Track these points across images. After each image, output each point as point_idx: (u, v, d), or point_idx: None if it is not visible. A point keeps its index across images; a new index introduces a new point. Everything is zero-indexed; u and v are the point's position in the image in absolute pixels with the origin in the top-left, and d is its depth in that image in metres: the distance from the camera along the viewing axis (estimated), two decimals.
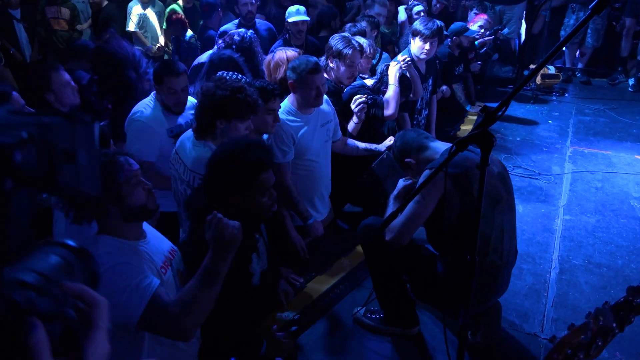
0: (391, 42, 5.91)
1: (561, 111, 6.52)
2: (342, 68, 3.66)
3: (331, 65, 3.71)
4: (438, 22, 4.36)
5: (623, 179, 4.70)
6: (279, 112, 3.12)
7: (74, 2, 6.76)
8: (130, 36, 6.35)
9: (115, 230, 1.79)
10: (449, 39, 5.62)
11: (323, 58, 3.77)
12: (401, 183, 2.60)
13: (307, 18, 5.07)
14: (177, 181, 2.68)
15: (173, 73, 3.06)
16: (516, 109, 6.50)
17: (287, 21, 5.04)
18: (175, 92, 3.09)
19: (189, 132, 2.69)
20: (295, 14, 5.00)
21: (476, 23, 5.96)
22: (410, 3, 6.21)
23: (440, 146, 2.54)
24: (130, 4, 6.51)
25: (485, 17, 6.12)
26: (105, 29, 5.66)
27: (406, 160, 2.59)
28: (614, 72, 7.67)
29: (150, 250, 1.85)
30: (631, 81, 7.33)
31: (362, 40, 4.02)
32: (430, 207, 2.34)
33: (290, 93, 3.32)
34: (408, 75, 4.03)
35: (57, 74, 3.27)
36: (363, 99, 3.59)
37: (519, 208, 4.23)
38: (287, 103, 3.29)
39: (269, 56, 3.75)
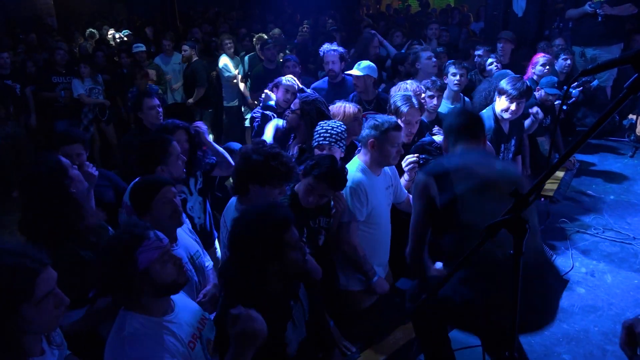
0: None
1: None
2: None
3: None
4: (527, 82, 4.16)
5: None
6: (353, 171, 3.12)
7: (172, 63, 7.43)
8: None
9: (143, 307, 1.80)
10: (535, 92, 5.34)
11: None
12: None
13: (373, 75, 5.04)
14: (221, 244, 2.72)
15: None
16: (612, 163, 5.98)
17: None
18: None
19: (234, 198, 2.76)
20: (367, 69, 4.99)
21: (538, 63, 5.60)
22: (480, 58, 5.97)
23: (470, 156, 2.49)
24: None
25: (544, 54, 5.73)
26: None
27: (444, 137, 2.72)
28: None
29: (177, 325, 1.84)
30: None
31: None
32: (421, 211, 2.42)
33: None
34: None
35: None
36: (414, 158, 3.50)
37: (608, 277, 3.81)
38: (358, 162, 3.25)
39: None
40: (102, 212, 2.62)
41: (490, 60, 5.63)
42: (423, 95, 4.08)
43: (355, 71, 4.66)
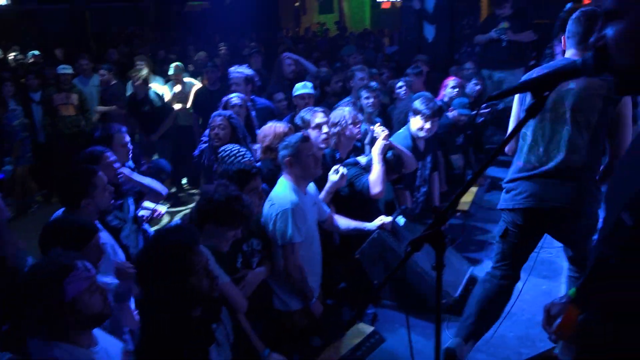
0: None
1: None
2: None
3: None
4: (438, 102, 4.42)
5: None
6: (286, 192, 3.16)
7: (90, 85, 7.10)
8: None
9: (69, 337, 1.73)
10: (448, 112, 5.66)
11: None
12: None
13: (313, 92, 5.22)
14: None
15: None
16: None
17: (294, 95, 5.22)
18: None
19: None
20: (302, 87, 5.18)
21: (448, 86, 5.99)
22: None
23: None
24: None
25: (454, 78, 6.15)
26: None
27: None
28: None
29: (104, 358, 1.78)
30: None
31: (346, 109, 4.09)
32: None
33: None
34: (394, 152, 3.99)
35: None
36: (343, 169, 3.65)
37: (519, 285, 4.08)
38: (287, 182, 3.29)
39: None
40: (20, 240, 2.47)
41: (400, 83, 5.92)
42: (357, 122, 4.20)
43: (303, 90, 5.05)
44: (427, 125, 4.30)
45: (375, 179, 3.72)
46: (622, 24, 1.07)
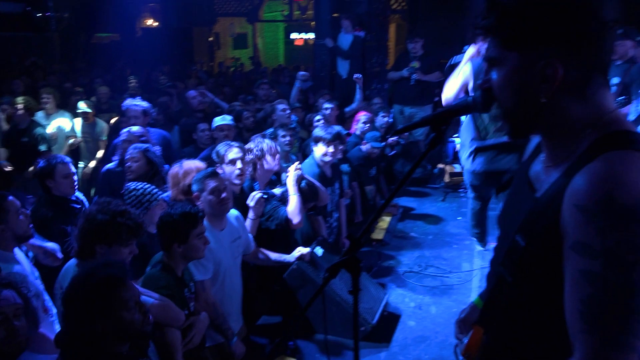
0: None
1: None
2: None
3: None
4: (336, 127, 4.62)
5: None
6: None
7: None
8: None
9: None
10: (362, 145, 5.88)
11: None
12: None
13: (232, 123, 5.24)
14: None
15: None
16: (428, 207, 6.77)
17: (212, 128, 5.23)
18: None
19: (74, 260, 2.58)
20: (221, 119, 5.19)
21: (360, 120, 6.26)
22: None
23: None
24: None
25: (365, 113, 6.46)
26: None
27: None
28: None
29: None
30: None
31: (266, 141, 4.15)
32: None
33: None
34: (307, 182, 4.09)
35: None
36: (259, 194, 3.67)
37: (432, 309, 4.28)
38: None
39: (176, 166, 3.75)
40: None
41: (318, 117, 6.10)
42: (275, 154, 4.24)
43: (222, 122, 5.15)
44: (330, 149, 4.47)
45: (293, 209, 3.78)
46: (502, 70, 1.22)
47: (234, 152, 3.78)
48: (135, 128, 4.63)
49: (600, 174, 1.06)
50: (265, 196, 3.73)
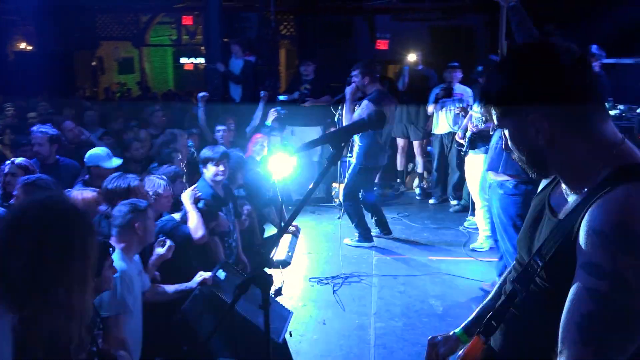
0: None
1: None
2: None
3: None
4: (222, 147, 4.70)
5: (421, 279, 5.24)
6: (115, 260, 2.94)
7: None
8: None
9: None
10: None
11: None
12: None
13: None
14: None
15: None
16: (326, 225, 6.98)
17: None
18: None
19: None
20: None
21: (257, 143, 6.36)
22: None
23: None
24: None
25: (261, 135, 6.60)
26: None
27: None
28: (394, 184, 8.79)
29: None
30: (417, 190, 8.47)
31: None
32: None
33: None
34: (205, 202, 4.11)
35: None
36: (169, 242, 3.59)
37: (335, 324, 4.41)
38: (117, 250, 3.07)
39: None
40: None
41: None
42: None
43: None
44: (221, 168, 4.50)
45: (194, 224, 3.79)
46: (508, 132, 1.41)
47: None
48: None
49: (618, 203, 1.19)
50: (172, 244, 3.65)
